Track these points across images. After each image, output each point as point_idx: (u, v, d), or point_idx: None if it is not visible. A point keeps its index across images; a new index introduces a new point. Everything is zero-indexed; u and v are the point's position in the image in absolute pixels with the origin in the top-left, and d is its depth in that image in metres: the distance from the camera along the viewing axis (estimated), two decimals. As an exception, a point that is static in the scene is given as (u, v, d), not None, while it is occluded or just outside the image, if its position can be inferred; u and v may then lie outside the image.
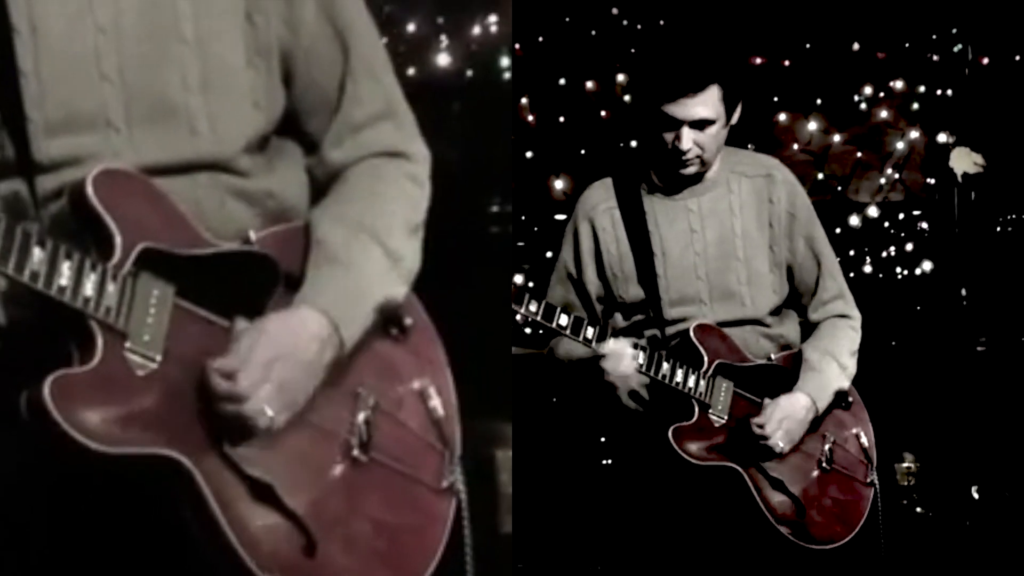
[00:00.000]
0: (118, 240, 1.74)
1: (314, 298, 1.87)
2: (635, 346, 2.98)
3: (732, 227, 3.20)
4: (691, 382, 3.03)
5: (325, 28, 1.97)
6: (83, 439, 1.65)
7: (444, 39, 3.84)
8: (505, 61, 3.80)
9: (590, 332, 2.92)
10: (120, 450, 1.68)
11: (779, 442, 3.06)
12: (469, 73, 3.86)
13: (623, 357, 2.96)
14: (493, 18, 3.81)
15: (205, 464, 1.75)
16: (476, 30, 3.83)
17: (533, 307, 2.83)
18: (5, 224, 1.63)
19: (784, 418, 3.08)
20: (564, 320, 2.89)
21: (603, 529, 4.23)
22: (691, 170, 3.14)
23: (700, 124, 3.06)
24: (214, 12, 1.86)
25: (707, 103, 3.04)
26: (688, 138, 3.06)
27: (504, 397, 3.47)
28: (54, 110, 1.78)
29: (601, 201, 3.23)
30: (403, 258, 1.98)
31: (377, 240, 1.95)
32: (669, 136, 3.08)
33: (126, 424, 1.69)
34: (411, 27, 3.49)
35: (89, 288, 1.69)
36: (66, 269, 1.68)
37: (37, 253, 1.66)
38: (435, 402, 2.00)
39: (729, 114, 3.10)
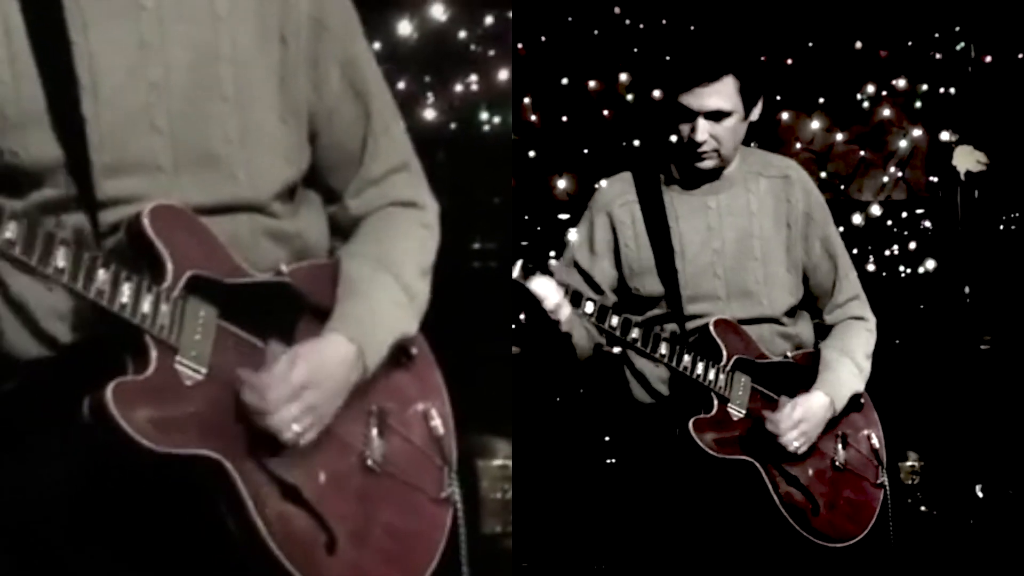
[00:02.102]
0: (170, 267, 2.02)
1: (343, 327, 2.15)
2: (566, 290, 2.91)
3: (750, 226, 3.25)
4: (711, 375, 3.08)
5: (348, 92, 2.24)
6: (139, 438, 1.90)
7: (430, 96, 4.34)
8: (484, 115, 4.37)
9: (615, 321, 2.94)
10: (169, 450, 1.94)
11: (793, 442, 3.10)
12: (452, 126, 4.36)
13: (549, 295, 2.88)
14: (474, 77, 4.36)
15: (242, 466, 2.01)
16: (458, 88, 4.38)
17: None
18: (75, 249, 1.92)
19: (802, 419, 3.12)
20: (590, 308, 2.92)
21: (608, 527, 4.27)
22: (708, 164, 3.19)
23: (716, 115, 3.10)
24: (252, 75, 2.14)
25: (722, 93, 3.10)
26: (704, 129, 3.11)
27: (502, 413, 4.02)
28: (111, 155, 2.06)
29: (620, 195, 3.29)
30: (417, 295, 2.26)
31: (397, 279, 2.23)
32: (685, 128, 3.12)
33: (175, 427, 1.95)
34: (401, 85, 3.97)
35: (146, 306, 1.97)
36: (126, 289, 1.95)
37: (102, 274, 1.94)
38: (436, 422, 2.28)
39: (748, 108, 3.14)
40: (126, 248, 2.02)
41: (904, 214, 5.72)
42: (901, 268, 5.68)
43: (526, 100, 5.43)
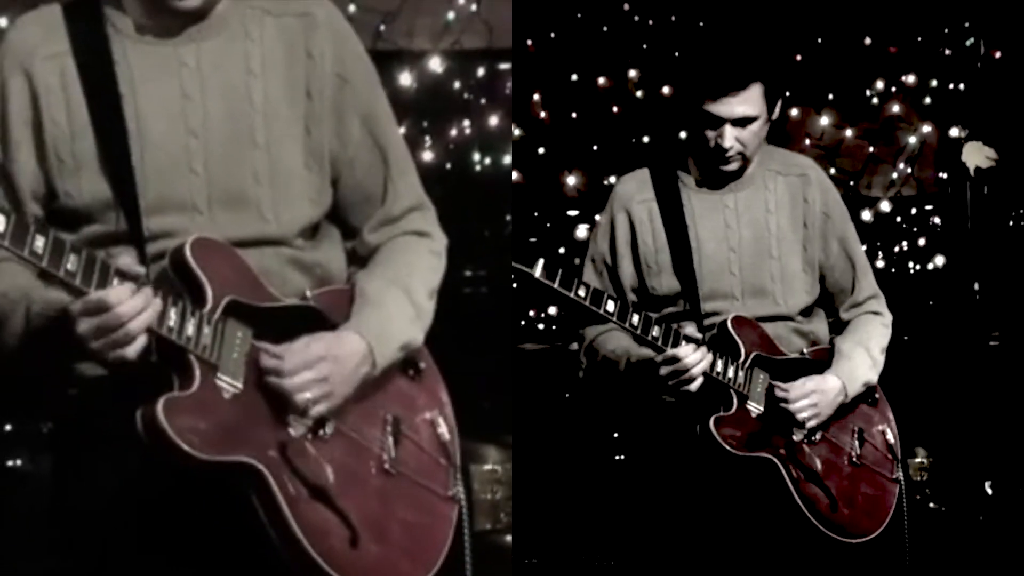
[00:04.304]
0: (209, 293, 2.30)
1: (355, 327, 2.43)
2: (699, 344, 3.09)
3: (767, 225, 3.31)
4: (730, 373, 3.12)
5: (368, 141, 2.54)
6: (187, 448, 2.18)
7: (428, 139, 4.87)
8: (476, 156, 4.93)
9: (635, 319, 3.00)
10: (212, 457, 2.21)
11: (805, 412, 3.14)
12: (448, 166, 4.90)
13: (699, 362, 3.07)
14: (467, 122, 4.92)
15: (276, 470, 2.28)
16: (453, 132, 4.90)
17: (582, 292, 2.92)
18: (128, 279, 2.19)
19: (814, 391, 3.17)
20: (611, 307, 2.97)
21: (619, 523, 4.31)
22: (733, 167, 3.27)
23: (742, 121, 3.15)
24: (280, 124, 2.45)
25: (749, 101, 3.18)
26: (731, 136, 3.19)
27: (497, 421, 4.52)
28: (155, 194, 2.37)
29: (637, 193, 3.35)
30: (423, 311, 2.54)
31: (406, 293, 2.51)
32: (711, 134, 3.19)
33: (217, 437, 2.23)
34: (402, 129, 4.37)
35: (190, 329, 2.26)
36: (173, 314, 2.24)
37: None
38: (442, 428, 2.55)
39: (771, 110, 3.18)
40: (170, 276, 2.31)
41: (913, 210, 5.78)
42: (910, 264, 5.74)
43: (535, 97, 5.48)
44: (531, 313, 5.30)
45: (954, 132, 5.65)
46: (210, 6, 2.41)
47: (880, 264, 5.64)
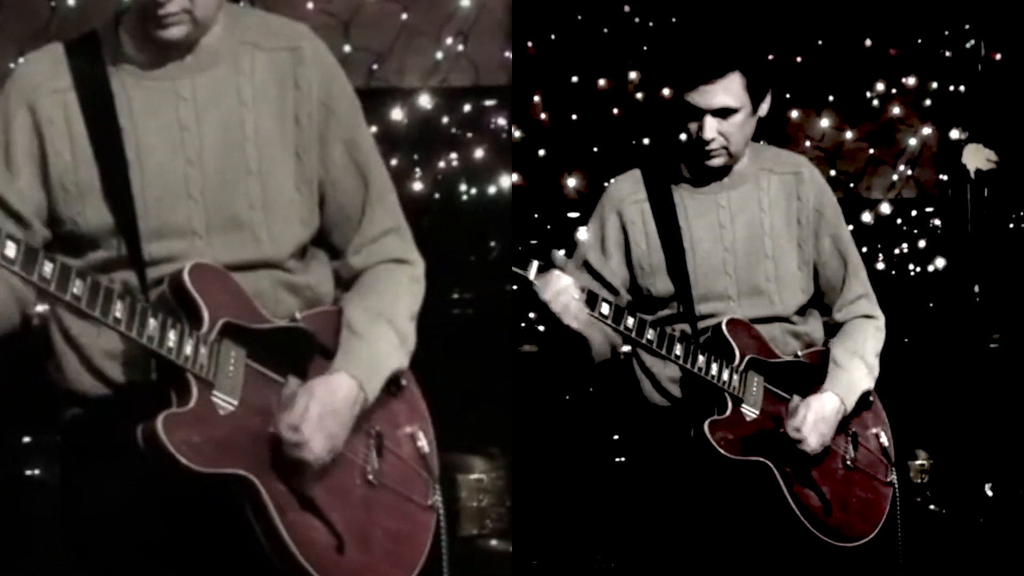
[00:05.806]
0: (206, 315, 2.47)
1: (346, 366, 2.60)
2: (581, 289, 3.03)
3: (761, 224, 3.32)
4: (724, 376, 3.12)
5: (349, 166, 2.71)
6: (185, 461, 2.35)
7: (418, 171, 5.11)
8: (463, 187, 5.20)
9: (631, 322, 3.01)
10: (209, 470, 2.38)
11: (813, 443, 3.14)
12: (436, 196, 5.16)
13: (563, 290, 2.97)
14: (454, 155, 5.18)
15: (267, 482, 2.46)
16: (441, 164, 5.16)
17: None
18: (130, 301, 2.40)
19: (818, 420, 3.16)
20: (606, 309, 2.96)
21: (618, 525, 4.32)
22: (717, 161, 3.26)
23: (723, 113, 3.15)
24: (272, 151, 2.61)
25: (729, 90, 3.18)
26: (711, 127, 3.19)
27: (487, 429, 4.68)
28: (155, 221, 2.54)
29: (630, 194, 3.36)
30: (407, 338, 2.71)
31: (391, 324, 2.68)
32: (693, 126, 3.17)
33: (213, 450, 2.40)
34: (394, 161, 4.79)
35: (188, 349, 2.43)
36: (171, 335, 2.42)
37: (152, 323, 2.41)
38: (422, 442, 2.71)
39: (756, 104, 3.19)
40: (169, 299, 2.48)
41: (914, 212, 5.81)
42: (911, 266, 5.77)
43: (535, 98, 5.49)
44: (532, 316, 5.31)
45: (954, 134, 5.67)
46: (195, 39, 2.56)
47: (880, 266, 5.67)
